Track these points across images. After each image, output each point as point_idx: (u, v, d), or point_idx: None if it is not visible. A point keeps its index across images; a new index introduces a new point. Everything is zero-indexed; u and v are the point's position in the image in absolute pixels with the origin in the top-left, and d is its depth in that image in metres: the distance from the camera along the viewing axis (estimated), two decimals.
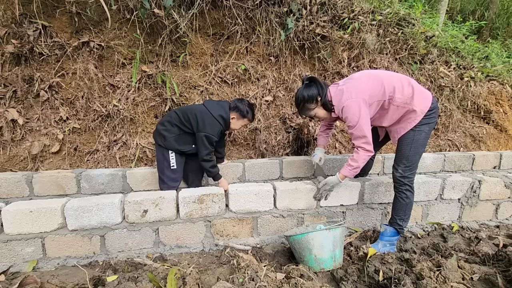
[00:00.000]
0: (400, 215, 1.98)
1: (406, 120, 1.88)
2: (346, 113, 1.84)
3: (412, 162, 1.91)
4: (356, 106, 1.81)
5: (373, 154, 1.92)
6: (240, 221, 2.11)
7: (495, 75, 4.05)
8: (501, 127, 3.89)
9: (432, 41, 3.81)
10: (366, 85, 1.85)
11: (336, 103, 1.90)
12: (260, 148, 3.20)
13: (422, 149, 1.92)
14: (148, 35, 3.04)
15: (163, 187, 2.33)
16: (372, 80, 1.87)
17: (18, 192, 2.45)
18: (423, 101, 1.85)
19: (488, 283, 1.56)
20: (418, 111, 1.83)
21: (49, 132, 2.80)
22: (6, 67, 2.75)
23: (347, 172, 1.91)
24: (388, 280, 1.55)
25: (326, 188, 2.05)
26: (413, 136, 1.88)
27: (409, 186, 1.95)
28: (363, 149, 1.85)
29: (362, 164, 1.88)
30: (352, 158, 1.89)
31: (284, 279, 1.54)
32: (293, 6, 3.23)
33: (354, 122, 1.82)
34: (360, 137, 1.83)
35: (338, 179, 1.96)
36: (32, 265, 1.80)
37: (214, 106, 2.28)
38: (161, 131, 2.30)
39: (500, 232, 2.37)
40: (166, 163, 2.32)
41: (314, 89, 1.95)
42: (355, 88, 1.85)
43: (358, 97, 1.81)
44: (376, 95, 1.84)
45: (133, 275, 1.61)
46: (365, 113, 1.81)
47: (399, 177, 1.94)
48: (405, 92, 1.83)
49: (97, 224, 1.87)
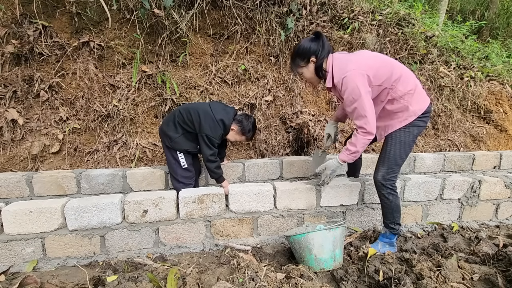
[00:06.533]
0: (389, 219, 1.93)
1: (397, 118, 1.78)
2: (347, 84, 1.64)
3: (396, 165, 1.82)
4: (361, 78, 1.63)
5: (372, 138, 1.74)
6: (240, 221, 2.11)
7: (495, 75, 4.05)
8: (501, 127, 3.89)
9: (432, 41, 3.81)
10: (375, 64, 1.70)
11: (337, 72, 1.69)
12: (260, 148, 3.20)
13: (408, 152, 1.83)
14: (148, 35, 3.04)
15: (179, 186, 2.29)
16: (383, 60, 1.74)
17: (18, 192, 2.45)
18: (421, 102, 1.77)
19: (488, 283, 1.56)
20: (411, 110, 1.74)
21: (49, 132, 2.80)
22: (6, 67, 2.75)
23: (345, 157, 1.79)
24: (388, 280, 1.55)
25: (327, 173, 1.92)
26: (402, 136, 1.78)
27: (391, 190, 1.85)
28: (362, 131, 1.68)
29: (361, 148, 1.73)
30: (350, 142, 1.75)
31: (284, 279, 1.54)
32: (293, 6, 3.23)
33: (356, 96, 1.63)
34: (362, 115, 1.65)
35: (338, 162, 1.85)
36: (32, 265, 1.80)
37: (219, 109, 2.25)
38: (166, 131, 2.29)
39: (500, 232, 2.37)
40: (177, 163, 2.32)
41: (313, 46, 1.73)
42: (363, 60, 1.69)
43: (364, 70, 1.64)
44: (382, 77, 1.69)
45: (133, 275, 1.61)
46: (368, 89, 1.65)
47: (381, 179, 1.83)
48: (408, 86, 1.73)
49: (97, 224, 1.87)
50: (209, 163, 2.23)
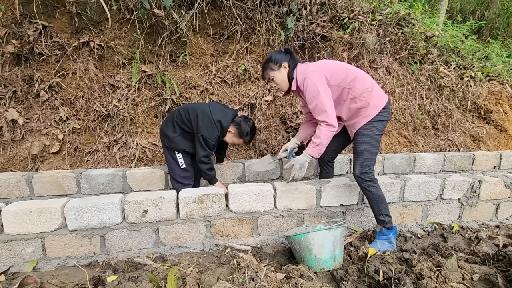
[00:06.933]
0: (377, 211, 2.00)
1: (361, 114, 1.94)
2: (307, 84, 1.89)
3: (368, 158, 1.95)
4: (318, 77, 1.87)
5: (336, 131, 1.93)
6: (240, 221, 2.11)
7: (495, 75, 4.04)
8: (501, 127, 3.89)
9: (432, 41, 3.81)
10: (331, 66, 1.97)
11: (300, 76, 1.96)
12: (260, 148, 3.20)
13: (376, 145, 1.98)
14: (148, 35, 3.04)
15: (178, 186, 2.29)
16: (339, 65, 2.02)
17: (18, 192, 2.46)
18: (379, 98, 1.96)
19: (488, 283, 1.56)
20: (373, 105, 1.92)
21: (49, 132, 2.80)
22: (6, 67, 2.75)
23: (311, 151, 1.92)
24: (388, 280, 1.55)
25: (296, 167, 1.95)
26: (367, 131, 1.94)
27: (371, 181, 1.96)
28: (325, 123, 1.86)
29: (325, 140, 1.89)
30: (315, 135, 1.91)
31: (284, 279, 1.54)
32: (293, 6, 3.23)
33: (314, 93, 1.86)
34: (322, 110, 1.86)
35: (305, 157, 1.95)
36: (32, 265, 1.80)
37: (218, 110, 2.25)
38: (165, 131, 2.30)
39: (500, 232, 2.37)
40: (176, 164, 2.33)
41: (284, 56, 2.01)
42: (321, 65, 1.97)
43: (321, 71, 1.90)
44: (338, 78, 1.92)
45: (133, 275, 1.61)
46: (326, 87, 1.88)
47: (359, 174, 1.96)
48: (365, 85, 1.93)
49: (97, 224, 1.87)
50: (201, 164, 2.23)
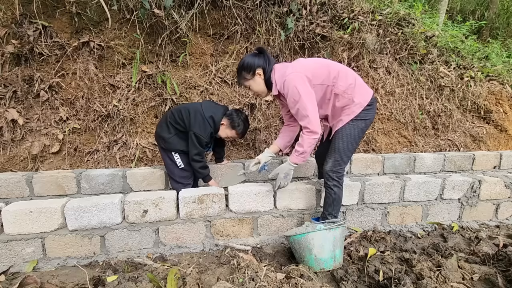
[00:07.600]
0: (328, 210, 1.96)
1: (345, 112, 1.85)
2: (288, 87, 1.76)
3: (342, 156, 1.88)
4: (299, 79, 1.75)
5: (320, 135, 1.82)
6: (240, 221, 2.11)
7: (495, 75, 4.04)
8: (501, 127, 3.89)
9: (432, 41, 3.81)
10: (312, 65, 1.84)
11: (278, 79, 1.83)
12: (260, 148, 3.19)
13: (355, 145, 1.91)
14: (148, 35, 3.04)
15: (178, 186, 2.30)
16: (319, 62, 1.89)
17: (18, 192, 2.45)
18: (363, 95, 1.85)
19: (488, 283, 1.56)
20: (356, 102, 1.82)
21: (49, 132, 2.80)
22: (6, 67, 2.75)
23: (294, 158, 1.85)
24: (388, 280, 1.55)
25: (281, 177, 1.94)
26: (349, 130, 1.86)
27: (337, 182, 1.91)
28: (307, 130, 1.76)
29: (308, 148, 1.80)
30: (298, 143, 1.82)
31: (284, 279, 1.54)
32: (293, 6, 3.23)
33: (296, 97, 1.74)
34: (304, 115, 1.75)
35: (289, 165, 1.89)
36: (32, 265, 1.80)
37: (210, 107, 2.28)
38: (160, 133, 2.32)
39: (500, 232, 2.37)
40: (174, 164, 2.33)
41: (257, 60, 1.86)
42: (299, 64, 1.83)
43: (302, 72, 1.77)
44: (320, 76, 1.81)
45: (133, 275, 1.61)
46: (308, 89, 1.76)
47: (328, 171, 1.89)
48: (348, 81, 1.83)
49: (97, 224, 1.87)
50: (194, 162, 2.24)
